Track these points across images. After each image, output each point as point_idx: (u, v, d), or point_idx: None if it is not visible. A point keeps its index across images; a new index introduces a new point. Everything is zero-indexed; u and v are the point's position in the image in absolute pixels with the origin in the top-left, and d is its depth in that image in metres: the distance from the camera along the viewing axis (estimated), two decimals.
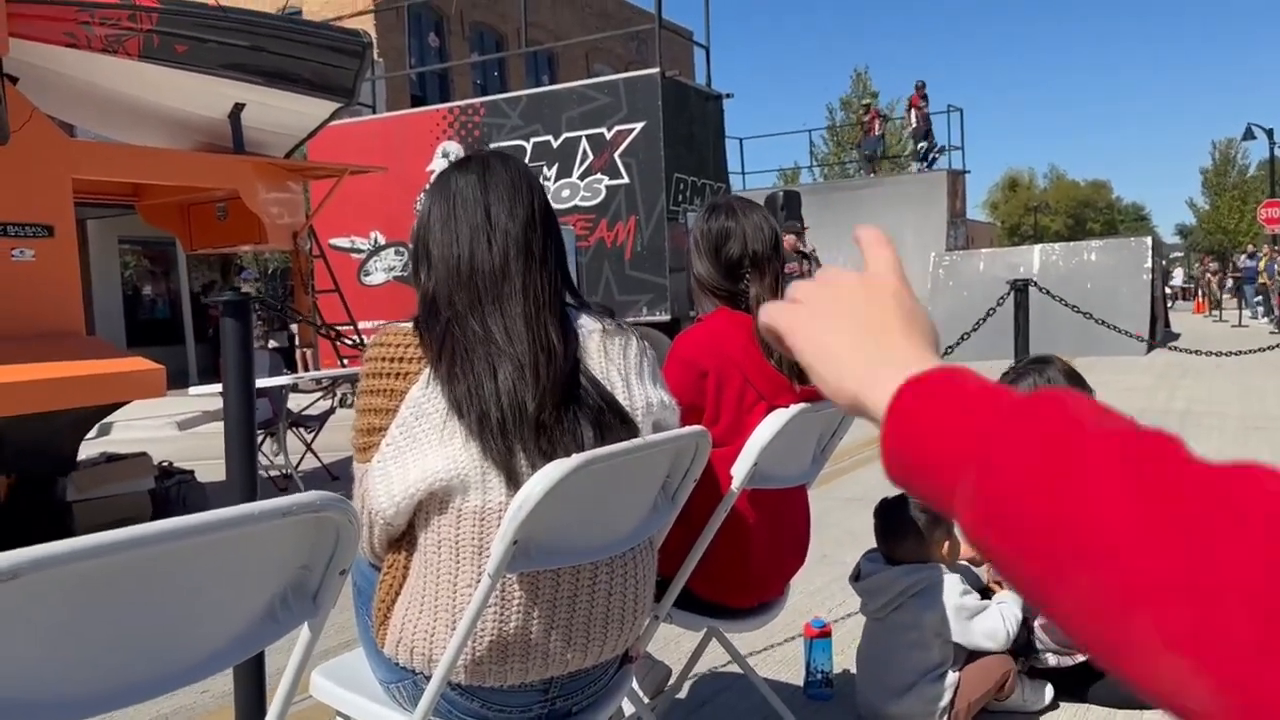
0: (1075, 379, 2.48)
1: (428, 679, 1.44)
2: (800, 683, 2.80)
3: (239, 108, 6.53)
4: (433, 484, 1.43)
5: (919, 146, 20.93)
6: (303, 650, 1.18)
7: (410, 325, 1.52)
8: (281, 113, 6.79)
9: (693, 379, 2.01)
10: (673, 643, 3.09)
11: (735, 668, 2.88)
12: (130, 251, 18.60)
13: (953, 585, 2.36)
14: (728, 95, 12.57)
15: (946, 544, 2.43)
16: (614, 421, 1.52)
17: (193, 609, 1.02)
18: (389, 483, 1.44)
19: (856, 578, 2.50)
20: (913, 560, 2.39)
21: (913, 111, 20.85)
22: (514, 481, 1.42)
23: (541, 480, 1.35)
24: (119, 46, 6.09)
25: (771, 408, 1.98)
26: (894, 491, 2.54)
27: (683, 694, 2.77)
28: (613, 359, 1.58)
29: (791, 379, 2.03)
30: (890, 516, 2.47)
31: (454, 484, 1.43)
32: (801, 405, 1.96)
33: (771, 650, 3.12)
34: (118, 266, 17.95)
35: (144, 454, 6.13)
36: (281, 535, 1.08)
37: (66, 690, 0.95)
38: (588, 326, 1.59)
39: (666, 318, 11.12)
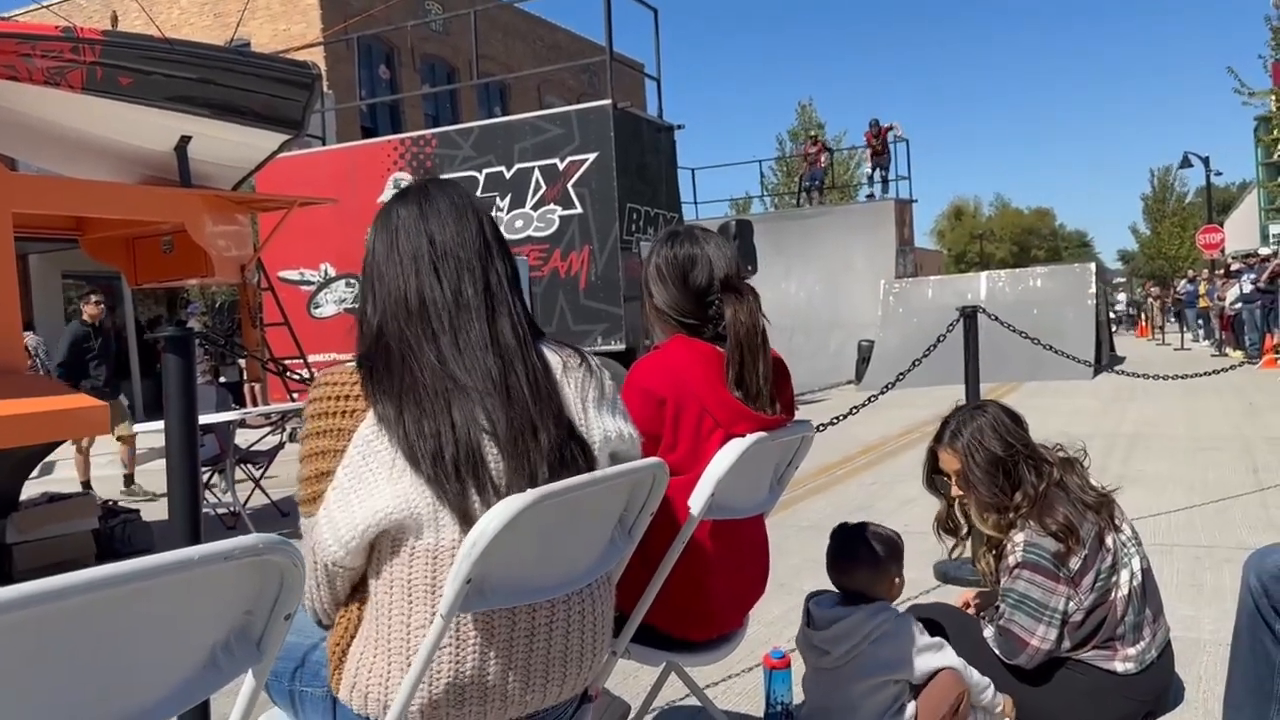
0: (1013, 418, 2.49)
1: None
2: (760, 714, 2.77)
3: (185, 140, 6.45)
4: (383, 523, 1.38)
5: (873, 174, 21.27)
6: (247, 698, 1.14)
7: (354, 364, 1.48)
8: (229, 145, 6.71)
9: (651, 407, 1.99)
10: (630, 677, 3.05)
11: (694, 701, 2.85)
12: (74, 286, 18.22)
13: (909, 623, 2.33)
14: (679, 126, 12.69)
15: (896, 582, 2.41)
16: (575, 455, 1.50)
17: (132, 657, 0.98)
18: (335, 528, 1.40)
19: (809, 623, 2.42)
20: (862, 592, 2.35)
21: (869, 148, 21.25)
22: (468, 520, 1.38)
23: (496, 516, 1.32)
24: (61, 79, 5.98)
25: (729, 436, 1.97)
26: (854, 518, 2.53)
27: None
28: (574, 390, 1.56)
29: (750, 406, 2.01)
30: (846, 544, 2.43)
31: (406, 523, 1.39)
32: (758, 434, 1.95)
33: (731, 681, 3.09)
34: (61, 302, 17.56)
35: (88, 494, 5.98)
36: (224, 579, 1.04)
37: None
38: (547, 357, 1.56)
39: (621, 347, 11.12)
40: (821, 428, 3.04)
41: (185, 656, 1.05)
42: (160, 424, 5.88)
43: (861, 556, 2.37)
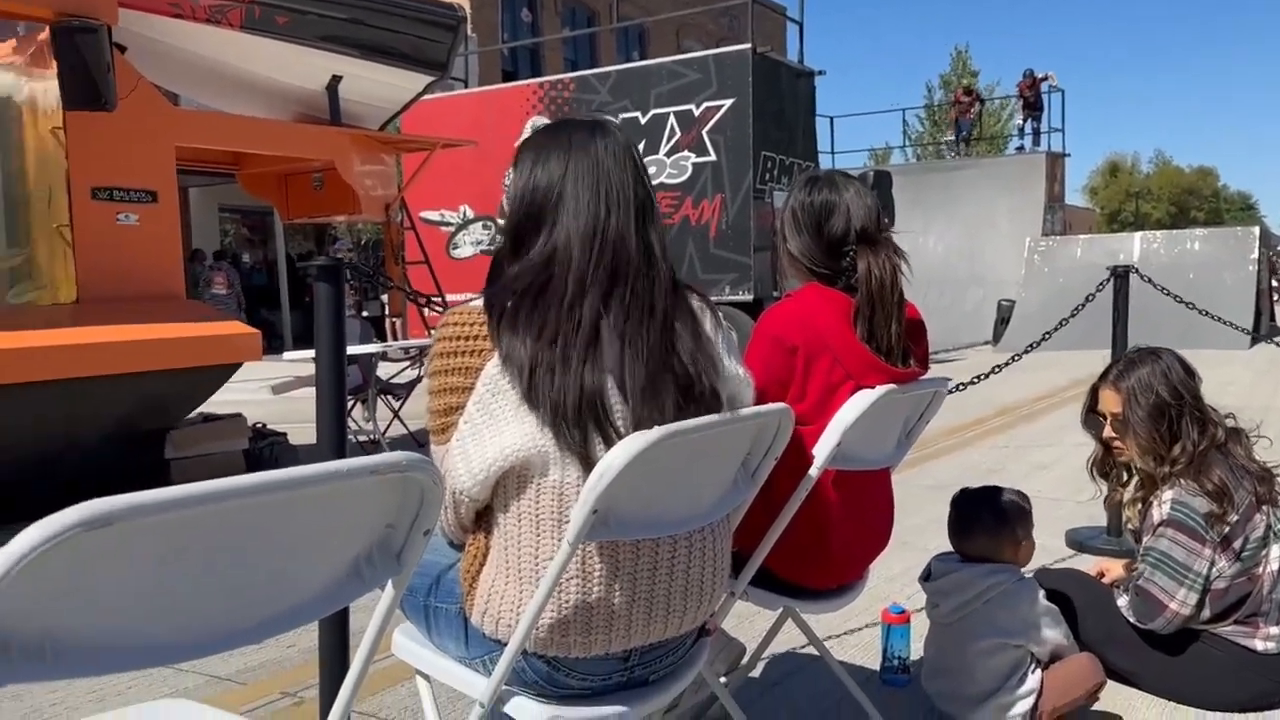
0: (1187, 369, 2.38)
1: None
2: (876, 668, 2.77)
3: (336, 80, 6.66)
4: (511, 459, 1.43)
5: (1024, 125, 20.34)
6: (386, 607, 1.20)
7: (480, 304, 1.51)
8: (377, 85, 6.91)
9: (781, 355, 1.98)
10: (747, 621, 3.08)
11: (810, 650, 2.86)
12: (230, 219, 19.19)
13: (1030, 588, 2.28)
14: (820, 72, 12.38)
15: (1021, 546, 2.34)
16: (705, 395, 1.51)
17: (281, 562, 1.05)
18: (468, 460, 1.45)
19: (927, 578, 2.41)
20: (983, 558, 2.30)
21: (1021, 99, 20.30)
22: (588, 464, 1.40)
23: (623, 451, 1.34)
24: (222, 17, 6.26)
25: (859, 388, 1.94)
26: (982, 481, 2.47)
27: (756, 673, 2.76)
28: (707, 335, 1.56)
29: (883, 358, 1.98)
30: (967, 509, 2.39)
31: (533, 460, 1.43)
32: (889, 386, 1.92)
33: (848, 635, 3.08)
34: (218, 233, 18.53)
35: (239, 415, 6.34)
36: (369, 493, 1.10)
37: (157, 635, 0.98)
38: (689, 303, 1.57)
39: (749, 298, 11.04)
40: (960, 386, 2.97)
41: (331, 564, 1.11)
42: (308, 353, 6.15)
43: (981, 520, 2.33)
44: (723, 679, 2.30)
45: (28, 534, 0.82)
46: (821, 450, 1.87)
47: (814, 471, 1.88)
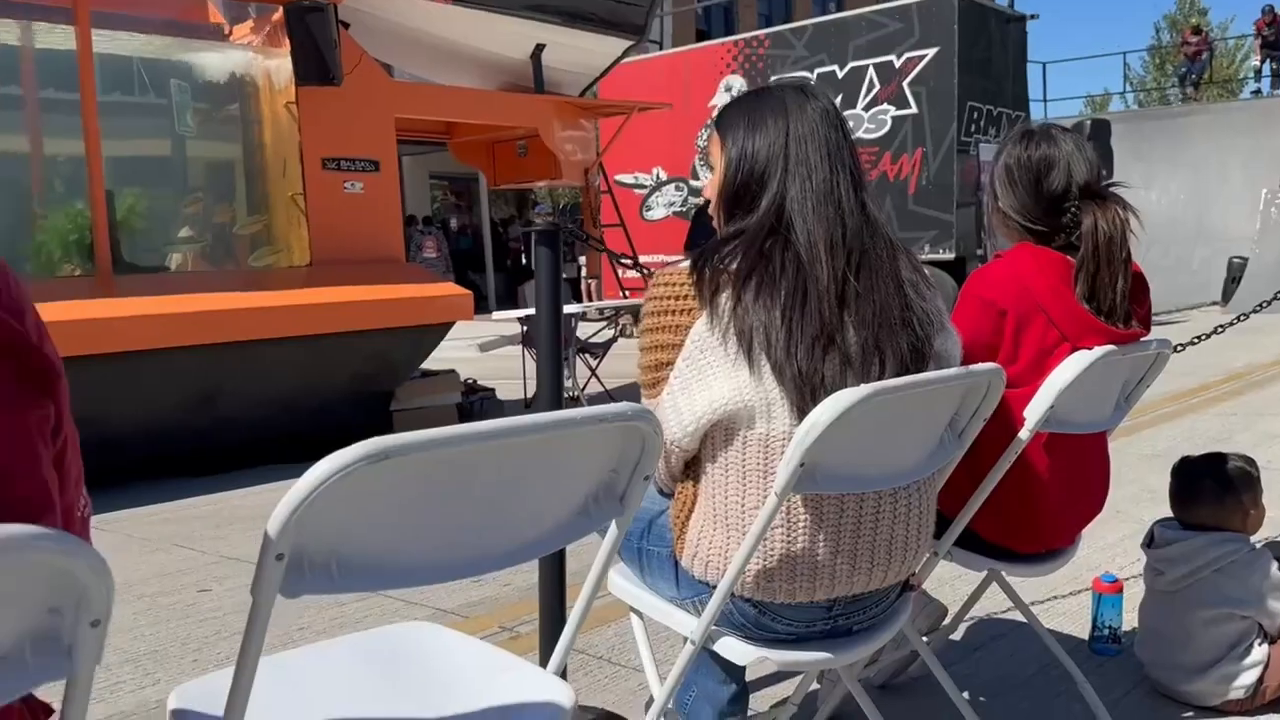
0: None
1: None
2: (1083, 637, 2.69)
3: (540, 48, 6.89)
4: (719, 412, 1.49)
5: (1262, 66, 18.52)
6: (610, 545, 1.30)
7: (688, 265, 1.56)
8: (578, 52, 7.10)
9: (990, 318, 1.95)
10: (948, 584, 3.06)
11: (1012, 615, 2.81)
12: (438, 186, 20.18)
13: (1264, 559, 2.16)
14: (1032, 16, 11.70)
15: (1251, 514, 2.22)
16: (930, 354, 1.53)
17: (525, 498, 1.16)
18: (679, 412, 1.53)
19: (1150, 544, 2.32)
20: (1209, 527, 2.19)
21: (1259, 38, 18.48)
22: (802, 414, 1.45)
23: (830, 407, 1.38)
24: None
25: (1075, 349, 1.89)
26: (1206, 449, 2.35)
27: (958, 635, 2.74)
28: (920, 295, 1.57)
29: (1102, 319, 1.91)
30: (1190, 477, 2.28)
31: (740, 413, 1.49)
32: (1108, 348, 1.86)
33: (1054, 602, 3.01)
34: (428, 200, 19.54)
35: (453, 371, 6.74)
36: (597, 439, 1.19)
37: (422, 557, 1.11)
38: (900, 263, 1.59)
39: (950, 256, 10.68)
40: (1179, 348, 2.81)
41: (565, 502, 1.22)
42: (514, 313, 6.48)
43: (1205, 488, 2.22)
44: (924, 639, 2.31)
45: (320, 466, 0.96)
46: (1033, 413, 1.84)
47: (1024, 435, 1.85)
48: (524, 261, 19.02)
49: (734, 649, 1.59)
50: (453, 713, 1.34)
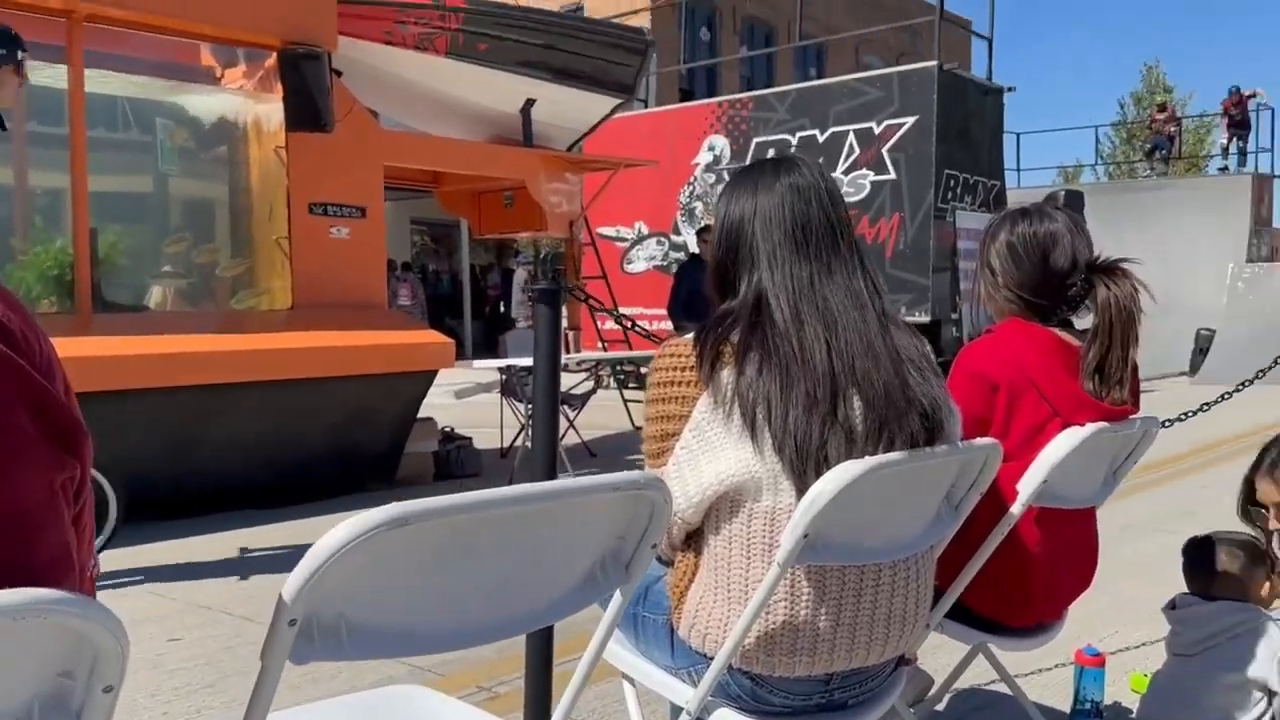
0: None
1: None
2: (1064, 709, 2.69)
3: (530, 103, 6.97)
4: (725, 485, 1.50)
5: (1229, 144, 19.04)
6: (613, 614, 1.29)
7: (692, 336, 1.57)
8: (568, 108, 7.18)
9: (982, 392, 1.97)
10: (931, 653, 3.04)
11: (996, 687, 2.80)
12: (418, 231, 20.20)
13: (1275, 631, 2.18)
14: (1009, 88, 11.99)
15: (1267, 585, 2.25)
16: (935, 435, 1.54)
17: (535, 564, 1.15)
18: (684, 485, 1.53)
19: (1173, 607, 2.36)
20: (1232, 598, 2.23)
21: (1225, 117, 19.04)
22: (805, 489, 1.44)
23: (835, 479, 1.39)
24: (429, 44, 6.67)
25: (1066, 425, 1.91)
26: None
27: (942, 706, 2.73)
28: (921, 370, 1.58)
29: (1102, 393, 1.94)
30: (1201, 555, 2.32)
31: (746, 485, 1.49)
32: (1100, 425, 1.89)
33: (1038, 675, 3.00)
34: (408, 246, 19.53)
35: (430, 419, 6.69)
36: (609, 506, 1.19)
37: (432, 624, 1.10)
38: (898, 339, 1.59)
39: (926, 319, 10.79)
40: (1168, 423, 2.85)
41: (573, 568, 1.21)
42: (491, 362, 6.46)
43: (1218, 564, 2.25)
44: (910, 709, 2.30)
45: (339, 531, 0.95)
46: (1026, 487, 1.85)
47: (1017, 509, 1.87)
48: (502, 309, 19.03)
49: None
50: None
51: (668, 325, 8.89)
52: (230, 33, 5.79)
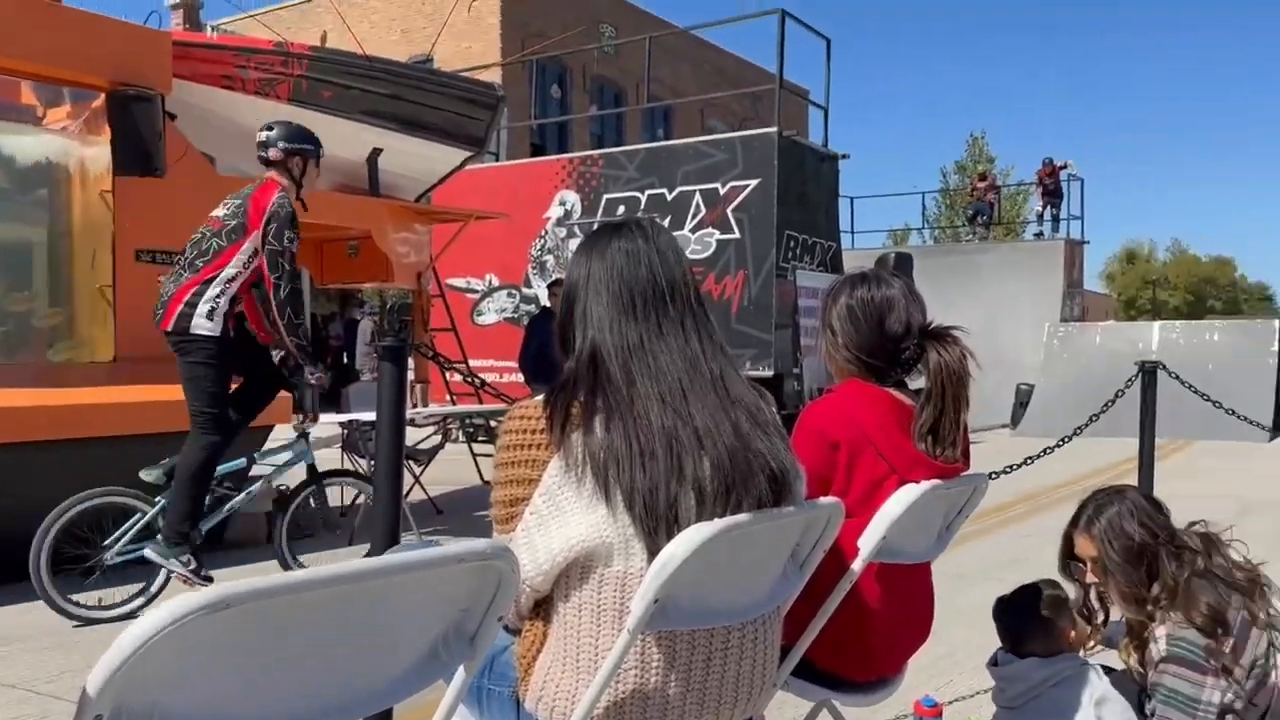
0: (1154, 504, 2.39)
1: None
2: None
3: (377, 152, 6.84)
4: (576, 551, 1.47)
5: (1044, 212, 20.55)
6: (457, 690, 1.23)
7: (542, 399, 1.56)
8: (415, 159, 7.09)
9: (824, 450, 2.02)
10: (775, 709, 3.06)
11: None
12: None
13: (1091, 673, 2.29)
14: (844, 156, 12.60)
15: (1071, 634, 2.36)
16: (769, 494, 1.55)
17: (371, 643, 1.09)
18: (534, 551, 1.49)
19: (995, 664, 2.44)
20: (1045, 653, 2.32)
21: (1039, 186, 20.56)
22: (656, 552, 1.43)
23: (685, 543, 1.39)
24: (271, 90, 6.47)
25: (903, 482, 1.98)
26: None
27: None
28: (768, 428, 1.60)
29: (936, 451, 2.02)
30: (1011, 615, 2.42)
31: (598, 550, 1.47)
32: (934, 481, 1.96)
33: None
34: None
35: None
36: (452, 579, 1.15)
37: (254, 713, 1.02)
38: (747, 399, 1.61)
39: (769, 373, 11.10)
40: (993, 475, 2.99)
41: (414, 646, 1.16)
42: (334, 417, 6.19)
43: (1031, 625, 2.35)
44: None
45: (151, 616, 0.87)
46: (866, 543, 1.90)
47: (858, 565, 1.91)
48: (345, 360, 18.45)
49: None
50: None
51: (518, 378, 8.81)
52: (54, 71, 5.47)
